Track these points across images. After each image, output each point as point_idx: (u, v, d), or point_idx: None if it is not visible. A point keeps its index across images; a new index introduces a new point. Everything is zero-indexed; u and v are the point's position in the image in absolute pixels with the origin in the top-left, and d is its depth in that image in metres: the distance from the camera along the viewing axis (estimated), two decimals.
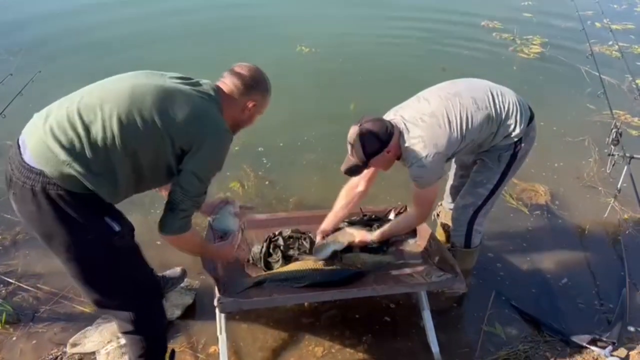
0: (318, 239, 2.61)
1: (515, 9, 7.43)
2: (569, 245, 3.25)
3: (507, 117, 2.38)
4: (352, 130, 2.28)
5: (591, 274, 3.02)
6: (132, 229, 1.86)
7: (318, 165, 3.87)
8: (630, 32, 6.73)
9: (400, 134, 2.30)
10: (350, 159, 2.32)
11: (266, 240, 2.64)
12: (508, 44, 6.23)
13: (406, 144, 2.28)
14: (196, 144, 1.75)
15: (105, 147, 1.65)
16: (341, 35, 6.25)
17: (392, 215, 2.83)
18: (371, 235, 2.57)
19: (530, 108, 2.49)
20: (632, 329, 2.59)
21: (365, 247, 2.59)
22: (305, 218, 2.87)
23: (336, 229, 2.65)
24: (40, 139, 1.64)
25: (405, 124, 2.31)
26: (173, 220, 1.82)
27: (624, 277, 2.94)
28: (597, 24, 6.48)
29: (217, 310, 2.24)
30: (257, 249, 2.59)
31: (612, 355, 2.38)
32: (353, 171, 2.36)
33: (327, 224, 2.63)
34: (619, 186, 3.28)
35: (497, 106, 2.37)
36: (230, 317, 2.51)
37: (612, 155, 3.28)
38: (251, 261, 2.57)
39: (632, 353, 2.43)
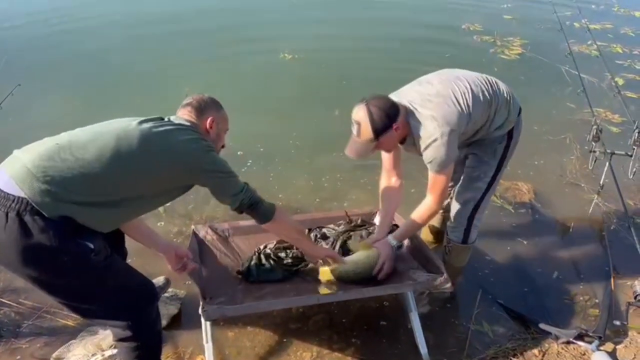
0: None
1: (495, 12, 7.53)
2: (554, 242, 3.27)
3: (502, 103, 2.40)
4: (357, 109, 2.21)
5: (576, 270, 3.04)
6: (107, 243, 1.85)
7: (304, 170, 3.86)
8: (608, 31, 6.84)
9: (408, 113, 2.25)
10: (357, 140, 2.23)
11: (254, 254, 2.60)
12: (489, 46, 6.29)
13: (417, 124, 2.22)
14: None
15: (91, 179, 1.71)
16: (323, 42, 6.26)
17: (376, 219, 2.82)
18: (392, 242, 2.48)
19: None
20: (617, 322, 2.60)
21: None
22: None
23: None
24: (24, 166, 1.67)
25: (412, 105, 2.25)
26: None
27: (609, 272, 2.96)
28: (576, 24, 6.59)
29: (202, 318, 2.22)
30: (245, 262, 2.56)
31: (598, 350, 2.38)
32: (360, 152, 2.26)
33: (379, 234, 2.59)
34: (601, 182, 3.31)
35: (494, 91, 2.37)
36: (216, 324, 2.49)
37: (594, 152, 3.32)
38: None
39: (618, 347, 2.45)
